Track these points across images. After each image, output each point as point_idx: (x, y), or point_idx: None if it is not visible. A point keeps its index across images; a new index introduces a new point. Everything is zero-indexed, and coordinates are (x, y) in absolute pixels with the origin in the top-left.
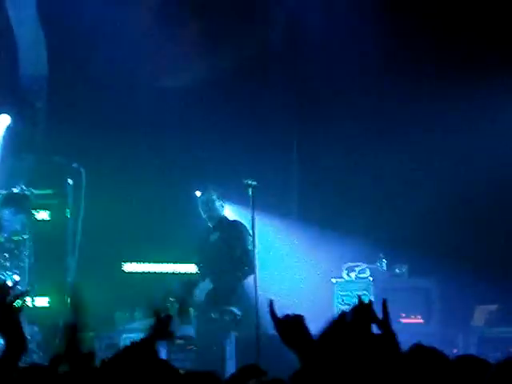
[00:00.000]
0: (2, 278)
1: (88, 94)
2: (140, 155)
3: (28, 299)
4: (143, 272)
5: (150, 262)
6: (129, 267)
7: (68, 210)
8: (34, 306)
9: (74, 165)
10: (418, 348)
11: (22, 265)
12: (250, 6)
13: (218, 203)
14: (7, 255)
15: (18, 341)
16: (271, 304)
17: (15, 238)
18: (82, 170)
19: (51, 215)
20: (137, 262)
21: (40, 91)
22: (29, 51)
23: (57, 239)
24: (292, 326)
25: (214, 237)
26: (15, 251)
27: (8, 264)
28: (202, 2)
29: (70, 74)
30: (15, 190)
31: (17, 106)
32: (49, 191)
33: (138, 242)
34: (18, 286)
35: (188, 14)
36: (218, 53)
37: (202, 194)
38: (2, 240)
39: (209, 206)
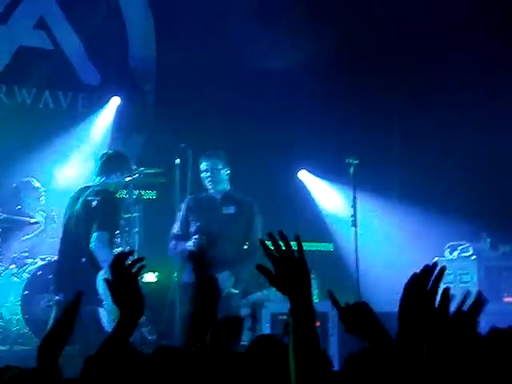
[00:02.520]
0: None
1: (194, 75)
2: (244, 135)
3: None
4: None
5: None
6: None
7: (175, 189)
8: (142, 281)
9: (182, 145)
10: (493, 332)
11: (132, 241)
12: None
13: (223, 173)
14: (118, 232)
15: (135, 307)
16: (331, 294)
17: (126, 215)
18: (189, 150)
19: (158, 194)
20: None
21: (149, 73)
22: (137, 34)
23: (163, 216)
24: (356, 313)
25: (228, 209)
26: (126, 228)
27: (119, 240)
28: None
29: (178, 55)
30: None
31: (126, 88)
32: (157, 170)
33: None
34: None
35: None
36: (322, 35)
37: (205, 161)
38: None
39: (213, 175)
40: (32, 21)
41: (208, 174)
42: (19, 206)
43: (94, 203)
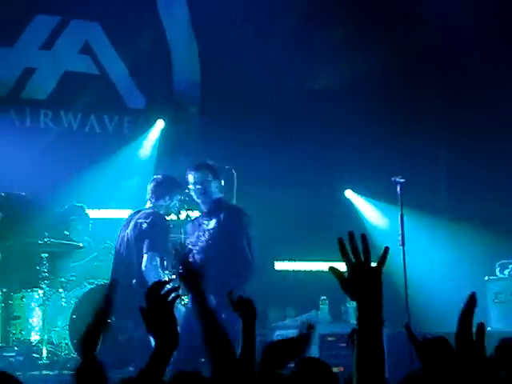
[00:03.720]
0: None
1: (238, 97)
2: (288, 156)
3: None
4: (294, 270)
5: (301, 261)
6: (281, 266)
7: None
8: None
9: (227, 167)
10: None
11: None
12: (398, 6)
13: (214, 185)
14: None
15: (170, 337)
16: (408, 328)
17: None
18: (234, 171)
19: None
20: (288, 260)
21: (194, 96)
22: (182, 57)
23: None
24: (435, 348)
25: (210, 224)
26: (172, 250)
27: (165, 263)
28: (348, 5)
29: (222, 78)
30: None
31: (171, 111)
32: None
33: (290, 241)
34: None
35: (334, 16)
36: (368, 54)
37: (195, 173)
38: None
39: (204, 187)
40: (77, 46)
41: (198, 186)
42: (67, 232)
43: (144, 225)
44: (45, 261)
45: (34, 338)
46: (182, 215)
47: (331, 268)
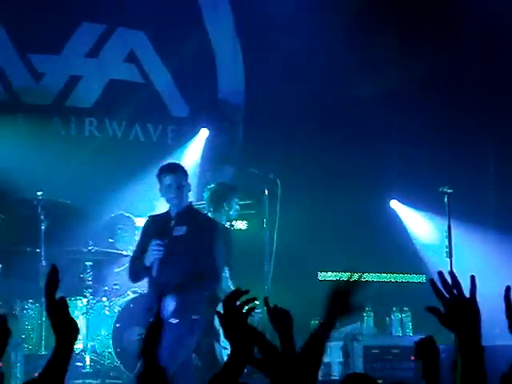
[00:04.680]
0: None
1: (282, 105)
2: (333, 165)
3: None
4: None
5: (344, 271)
6: (324, 276)
7: (265, 220)
8: None
9: (270, 175)
10: None
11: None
12: (449, 13)
13: (186, 189)
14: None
15: (244, 346)
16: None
17: None
18: (278, 180)
19: (249, 224)
20: (332, 271)
21: (237, 104)
22: (226, 65)
23: (254, 248)
24: None
25: (179, 230)
26: None
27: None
28: (397, 10)
29: (266, 86)
30: None
31: (215, 119)
32: (247, 201)
33: (333, 251)
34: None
35: (384, 22)
36: (413, 65)
37: (169, 176)
38: None
39: (177, 191)
40: (122, 54)
41: (172, 190)
42: (111, 240)
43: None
44: (89, 269)
45: (78, 346)
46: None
47: (428, 308)
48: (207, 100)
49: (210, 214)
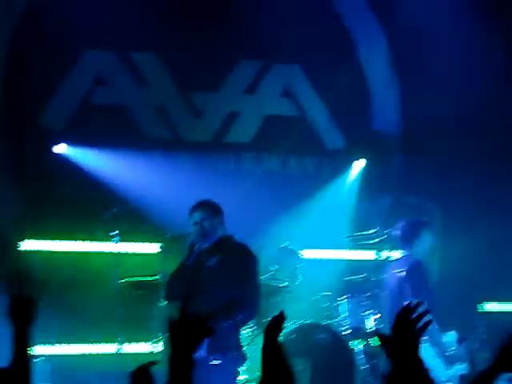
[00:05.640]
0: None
1: (439, 133)
2: (495, 195)
3: None
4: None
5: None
6: (490, 306)
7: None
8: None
9: (429, 204)
10: None
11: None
12: None
13: (216, 221)
14: (367, 294)
15: (410, 367)
16: None
17: (373, 278)
18: (437, 209)
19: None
20: (498, 301)
21: (394, 134)
22: (381, 96)
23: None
24: None
25: (209, 262)
26: (375, 290)
27: (367, 303)
28: None
29: (422, 115)
30: (369, 232)
31: (371, 151)
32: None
33: (498, 282)
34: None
35: None
36: None
37: (194, 212)
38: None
39: (204, 226)
40: (278, 89)
41: (197, 226)
42: (273, 269)
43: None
44: None
45: (243, 377)
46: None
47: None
48: (363, 131)
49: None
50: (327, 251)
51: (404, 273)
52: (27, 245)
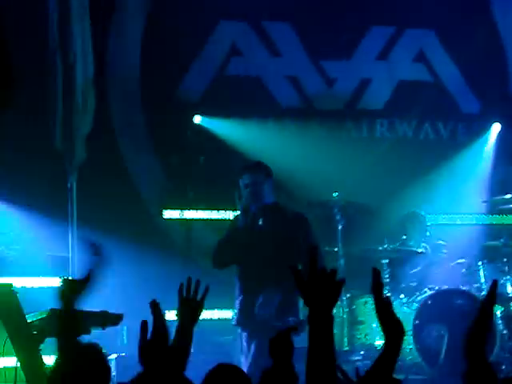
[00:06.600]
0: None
1: None
2: None
3: None
4: None
5: None
6: None
7: None
8: None
9: None
10: None
11: None
12: None
13: (267, 187)
14: (505, 259)
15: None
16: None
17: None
18: None
19: None
20: None
21: None
22: None
23: None
24: None
25: (267, 224)
26: None
27: (506, 268)
28: None
29: None
30: (507, 196)
31: (508, 114)
32: None
33: None
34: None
35: None
36: None
37: (245, 174)
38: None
39: (256, 189)
40: (411, 54)
41: (249, 188)
42: (404, 237)
43: None
44: (385, 267)
45: (378, 342)
46: None
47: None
48: (498, 93)
49: None
50: (463, 216)
51: None
52: (169, 214)
